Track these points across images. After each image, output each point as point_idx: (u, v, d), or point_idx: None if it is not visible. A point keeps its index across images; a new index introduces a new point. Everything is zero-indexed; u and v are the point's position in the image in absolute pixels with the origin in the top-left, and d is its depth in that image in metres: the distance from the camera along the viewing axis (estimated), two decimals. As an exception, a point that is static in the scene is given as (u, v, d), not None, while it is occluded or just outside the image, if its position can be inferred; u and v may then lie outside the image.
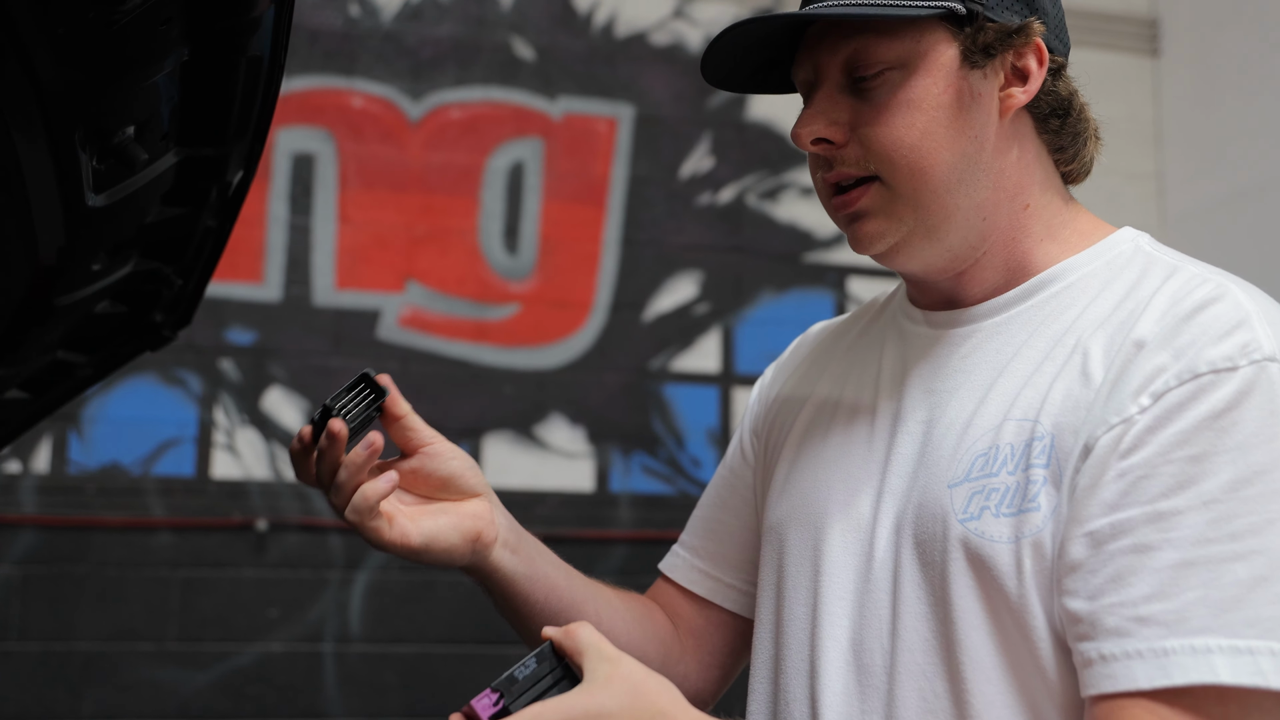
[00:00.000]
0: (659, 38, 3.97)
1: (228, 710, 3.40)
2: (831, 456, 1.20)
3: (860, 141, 1.10)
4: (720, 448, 3.83)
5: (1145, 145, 4.34)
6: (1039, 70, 1.11)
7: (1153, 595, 0.91)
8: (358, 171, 3.69)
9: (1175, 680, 0.88)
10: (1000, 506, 1.01)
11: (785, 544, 1.21)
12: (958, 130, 1.09)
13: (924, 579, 1.06)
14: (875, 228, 1.12)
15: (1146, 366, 0.97)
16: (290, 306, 3.61)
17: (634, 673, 0.92)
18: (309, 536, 3.53)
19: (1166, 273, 1.06)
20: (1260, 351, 0.95)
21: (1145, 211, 4.26)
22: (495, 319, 3.75)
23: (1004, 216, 1.13)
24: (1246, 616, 0.89)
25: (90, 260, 1.17)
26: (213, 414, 3.53)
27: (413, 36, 3.77)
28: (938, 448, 1.09)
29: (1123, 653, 0.91)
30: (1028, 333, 1.10)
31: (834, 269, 4.01)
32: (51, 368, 1.32)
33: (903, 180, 1.09)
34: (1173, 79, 4.36)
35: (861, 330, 1.31)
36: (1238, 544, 0.90)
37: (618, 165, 3.89)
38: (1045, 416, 1.02)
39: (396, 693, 3.52)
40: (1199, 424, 0.93)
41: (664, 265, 3.90)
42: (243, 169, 1.25)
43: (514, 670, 0.94)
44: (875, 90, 1.09)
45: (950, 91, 1.09)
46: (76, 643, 3.33)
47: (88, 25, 0.84)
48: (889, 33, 1.08)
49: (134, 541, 3.41)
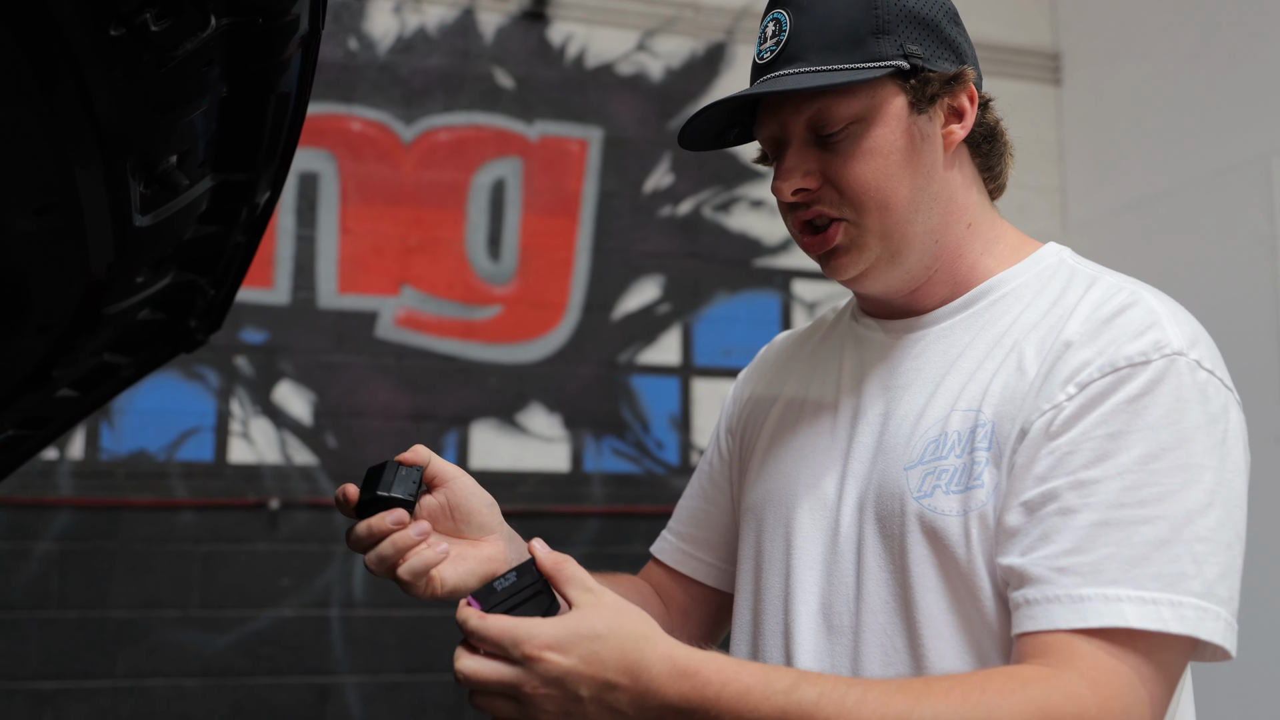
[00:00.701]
0: (624, 68, 3.97)
1: (245, 669, 3.38)
2: (800, 446, 1.22)
3: (832, 186, 1.12)
4: (680, 432, 3.84)
5: (1050, 163, 4.37)
6: (972, 108, 1.15)
7: (1072, 550, 0.94)
8: (357, 188, 3.67)
9: (1089, 623, 0.92)
10: (950, 485, 1.04)
11: (762, 523, 1.22)
12: (912, 169, 1.12)
13: (884, 549, 1.08)
14: (849, 260, 1.14)
15: (1073, 361, 1.01)
16: (297, 309, 3.58)
17: (617, 601, 0.93)
18: (317, 514, 3.51)
19: (1088, 283, 1.10)
20: (1170, 347, 0.99)
21: (1050, 221, 4.29)
22: (480, 319, 3.73)
23: (951, 236, 1.16)
24: (1151, 572, 0.92)
25: (135, 274, 1.16)
26: (229, 405, 3.51)
27: (405, 68, 3.75)
28: (894, 436, 1.12)
29: (1044, 598, 0.94)
30: (971, 335, 1.13)
31: (780, 272, 4.02)
32: (98, 369, 1.31)
33: (870, 217, 1.12)
34: (1073, 104, 4.40)
35: (821, 338, 1.33)
36: (1145, 510, 0.94)
37: (588, 182, 3.88)
38: (987, 406, 1.05)
39: (396, 652, 3.51)
40: (1117, 408, 0.97)
41: (630, 270, 3.89)
42: (269, 190, 1.24)
43: (494, 582, 0.94)
44: (840, 143, 1.11)
45: (904, 136, 1.12)
46: (109, 610, 3.30)
47: (142, 68, 0.83)
48: (847, 93, 1.10)
49: (160, 520, 3.38)
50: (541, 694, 0.87)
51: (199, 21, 0.79)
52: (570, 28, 3.92)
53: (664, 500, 3.76)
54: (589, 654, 0.88)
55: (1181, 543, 0.93)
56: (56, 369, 1.21)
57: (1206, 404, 0.98)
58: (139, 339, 1.32)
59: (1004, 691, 0.89)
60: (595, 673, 0.88)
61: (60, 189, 0.94)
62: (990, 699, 0.88)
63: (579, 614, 0.91)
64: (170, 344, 1.38)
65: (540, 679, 0.87)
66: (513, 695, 0.89)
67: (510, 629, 0.89)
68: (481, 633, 0.89)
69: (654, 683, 0.88)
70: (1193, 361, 0.99)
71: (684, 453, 3.84)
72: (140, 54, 0.81)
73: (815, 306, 4.00)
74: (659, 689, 0.88)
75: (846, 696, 0.88)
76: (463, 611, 0.91)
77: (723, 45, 4.07)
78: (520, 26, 3.88)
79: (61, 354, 1.19)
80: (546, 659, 0.87)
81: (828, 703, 0.88)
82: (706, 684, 0.89)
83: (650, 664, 0.89)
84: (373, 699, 3.47)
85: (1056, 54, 4.45)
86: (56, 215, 0.98)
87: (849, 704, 0.88)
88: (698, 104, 4.01)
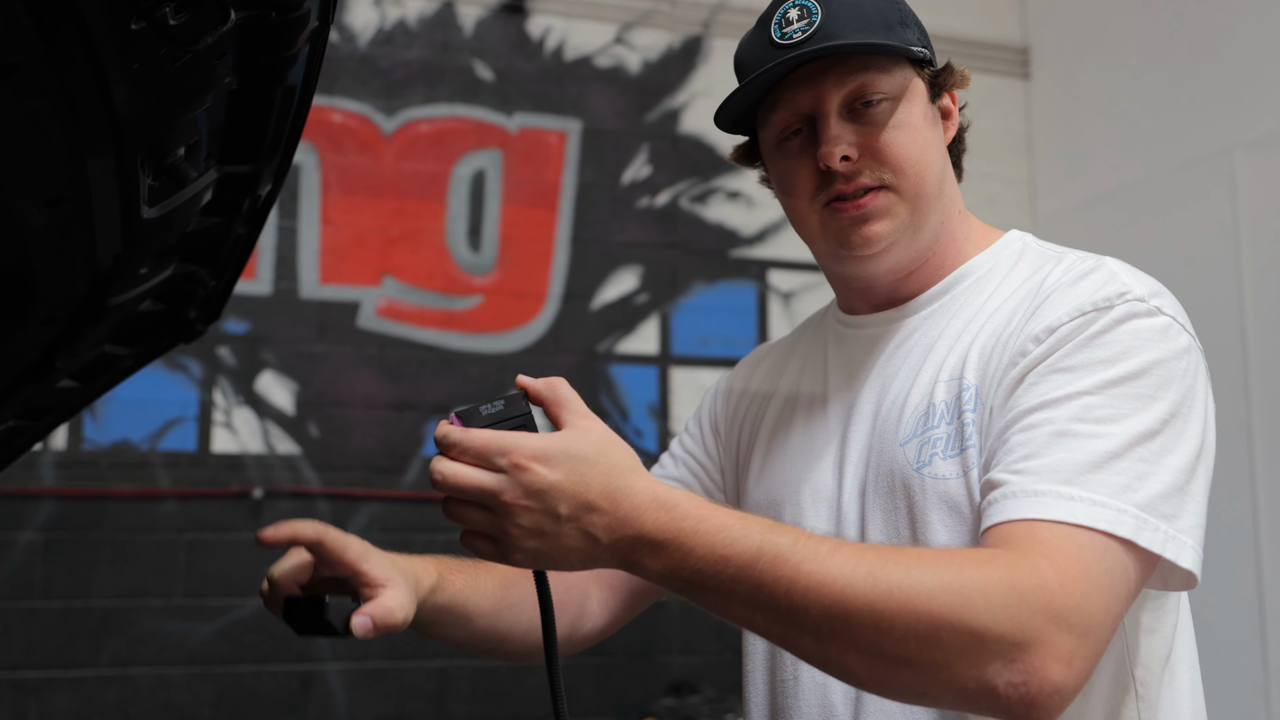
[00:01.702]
0: (602, 60, 3.97)
1: (229, 656, 3.37)
2: (797, 445, 1.26)
3: (873, 156, 1.16)
4: (659, 420, 3.85)
5: (1019, 155, 4.40)
6: (955, 107, 1.25)
7: (1031, 455, 0.98)
8: (338, 179, 3.65)
9: (1042, 514, 0.94)
10: (946, 450, 1.08)
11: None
12: (937, 146, 1.22)
13: (887, 524, 1.11)
14: (881, 228, 1.17)
15: (1045, 316, 1.07)
16: (280, 299, 3.57)
17: (606, 431, 0.93)
18: (299, 503, 3.50)
19: (1056, 258, 1.17)
20: (1133, 294, 1.05)
21: (1020, 212, 4.33)
22: (461, 309, 3.73)
23: (951, 220, 1.22)
24: (1101, 480, 0.95)
25: (140, 265, 1.15)
26: (212, 395, 3.49)
27: (386, 60, 3.74)
28: (886, 419, 1.16)
29: (1003, 495, 0.97)
30: (948, 318, 1.20)
31: (756, 263, 4.03)
32: (99, 359, 1.30)
33: (909, 184, 1.17)
34: (1042, 98, 4.43)
35: (807, 341, 1.38)
36: (1100, 427, 0.98)
37: (567, 173, 3.88)
38: (969, 372, 1.10)
39: (378, 640, 3.46)
40: (1081, 343, 1.03)
41: (609, 261, 3.90)
42: (271, 183, 1.24)
43: (480, 405, 0.92)
44: (877, 115, 1.16)
45: (928, 116, 1.20)
46: (94, 600, 3.28)
47: (159, 61, 0.83)
48: (888, 68, 1.16)
49: (143, 509, 3.36)
50: (520, 505, 0.86)
51: (219, 16, 0.79)
52: (549, 20, 3.92)
53: (643, 487, 3.77)
54: (574, 472, 0.87)
55: (1128, 459, 0.96)
56: (59, 360, 1.20)
57: (1167, 342, 1.02)
58: (140, 330, 1.31)
59: (974, 560, 0.91)
60: (578, 492, 0.87)
61: (72, 181, 0.94)
62: (961, 562, 0.90)
63: (569, 433, 0.90)
64: (170, 334, 1.37)
65: (522, 489, 0.86)
66: (489, 504, 0.87)
67: (497, 439, 0.88)
68: (465, 443, 0.88)
69: (634, 510, 0.89)
70: (1153, 307, 1.04)
71: (662, 441, 3.85)
72: (159, 47, 0.81)
73: (791, 297, 4.02)
74: (637, 517, 0.89)
75: (820, 546, 0.89)
76: (444, 427, 0.90)
77: (699, 39, 4.07)
78: (499, 19, 3.87)
79: (65, 345, 1.18)
80: (533, 469, 0.87)
81: (801, 548, 0.88)
82: (684, 517, 0.89)
83: (634, 492, 0.89)
84: (356, 685, 3.46)
85: (1025, 48, 4.48)
86: (67, 207, 0.97)
87: (822, 551, 0.89)
88: (675, 97, 4.02)
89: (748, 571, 0.88)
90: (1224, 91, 3.61)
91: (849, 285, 1.28)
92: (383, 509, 3.57)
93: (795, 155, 1.19)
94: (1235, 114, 3.56)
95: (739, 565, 0.88)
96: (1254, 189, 3.48)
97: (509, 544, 0.89)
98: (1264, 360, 3.38)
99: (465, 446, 0.88)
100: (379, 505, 3.57)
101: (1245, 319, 3.44)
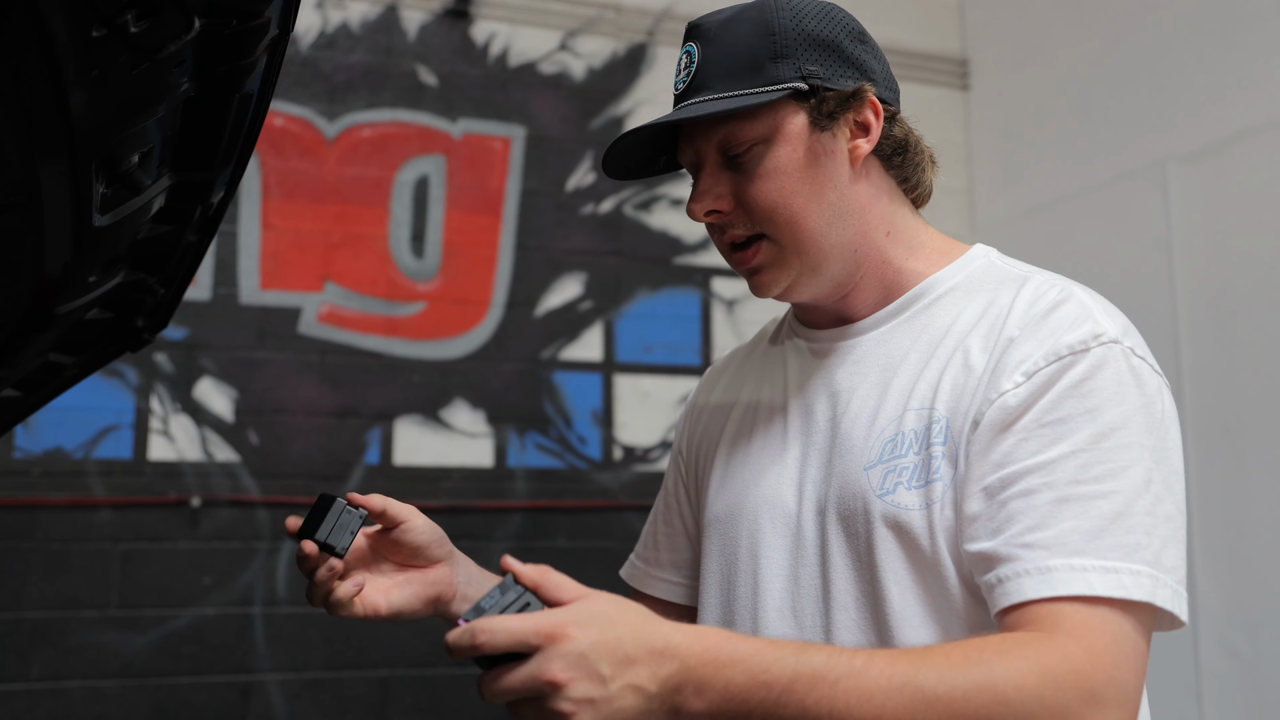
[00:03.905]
0: (546, 67, 3.96)
1: (166, 669, 3.31)
2: (756, 459, 1.25)
3: (743, 207, 1.16)
4: (603, 427, 3.85)
5: (958, 165, 4.47)
6: (877, 122, 1.18)
7: (1036, 526, 0.98)
8: (279, 184, 3.61)
9: (1059, 591, 0.95)
10: (910, 481, 1.07)
11: (725, 536, 1.25)
12: (819, 184, 1.16)
13: (849, 548, 1.11)
14: (770, 277, 1.19)
15: (1017, 355, 1.06)
16: (219, 305, 3.52)
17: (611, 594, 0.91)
18: (238, 511, 3.45)
19: (1019, 282, 1.15)
20: (1107, 336, 1.05)
21: (959, 222, 4.39)
22: (404, 315, 3.70)
23: (872, 245, 1.20)
24: (1110, 543, 0.97)
25: (89, 273, 1.13)
26: (149, 402, 3.43)
27: (328, 64, 3.70)
28: (847, 439, 1.15)
29: (1014, 573, 0.98)
30: (910, 338, 1.17)
31: (700, 270, 4.05)
32: (43, 369, 1.27)
33: (783, 233, 1.16)
34: (980, 109, 4.50)
35: (764, 351, 1.36)
36: (1100, 485, 0.99)
37: (511, 179, 3.87)
38: (939, 404, 1.08)
39: (319, 649, 3.47)
40: (1063, 393, 1.02)
41: (552, 267, 3.89)
42: (224, 191, 1.22)
43: (480, 601, 0.89)
44: (747, 164, 1.16)
45: (807, 154, 1.16)
46: (24, 611, 3.21)
47: (119, 68, 0.82)
48: (749, 117, 1.15)
49: (77, 518, 3.30)
50: (566, 678, 0.83)
51: (183, 25, 0.78)
52: (493, 26, 3.90)
53: (586, 495, 3.77)
54: (606, 629, 0.85)
55: (1133, 515, 0.98)
56: (3, 369, 1.18)
57: (1142, 387, 1.04)
58: (86, 338, 1.28)
59: (1001, 651, 0.92)
60: (613, 647, 0.85)
61: (23, 187, 0.92)
62: (989, 658, 0.91)
63: (583, 601, 0.88)
64: (117, 343, 1.35)
65: (562, 660, 0.83)
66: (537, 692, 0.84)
67: (521, 621, 0.85)
68: (496, 636, 0.84)
69: (671, 652, 0.86)
70: (1127, 349, 1.05)
71: (606, 448, 3.85)
72: (119, 54, 0.80)
73: (734, 304, 4.04)
74: (675, 656, 0.86)
75: (853, 660, 0.89)
76: (458, 633, 0.86)
77: (644, 46, 4.08)
78: (443, 24, 3.85)
79: (10, 354, 1.15)
80: (568, 634, 0.84)
81: (835, 665, 0.88)
82: (717, 646, 0.88)
83: (664, 635, 0.87)
84: (297, 696, 3.42)
85: (964, 60, 4.54)
86: (17, 214, 0.96)
87: (855, 666, 0.88)
88: (619, 104, 4.02)
89: (789, 695, 0.87)
90: (1157, 106, 3.70)
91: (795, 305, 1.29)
92: (324, 517, 3.52)
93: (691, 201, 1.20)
94: (1168, 128, 3.65)
95: (781, 689, 0.87)
96: (1186, 201, 3.56)
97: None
98: (1197, 369, 3.46)
99: (495, 641, 0.84)
100: (320, 514, 3.52)
101: (1178, 328, 3.52)
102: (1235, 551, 3.30)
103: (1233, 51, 3.46)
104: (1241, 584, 3.28)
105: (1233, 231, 3.41)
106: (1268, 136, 3.32)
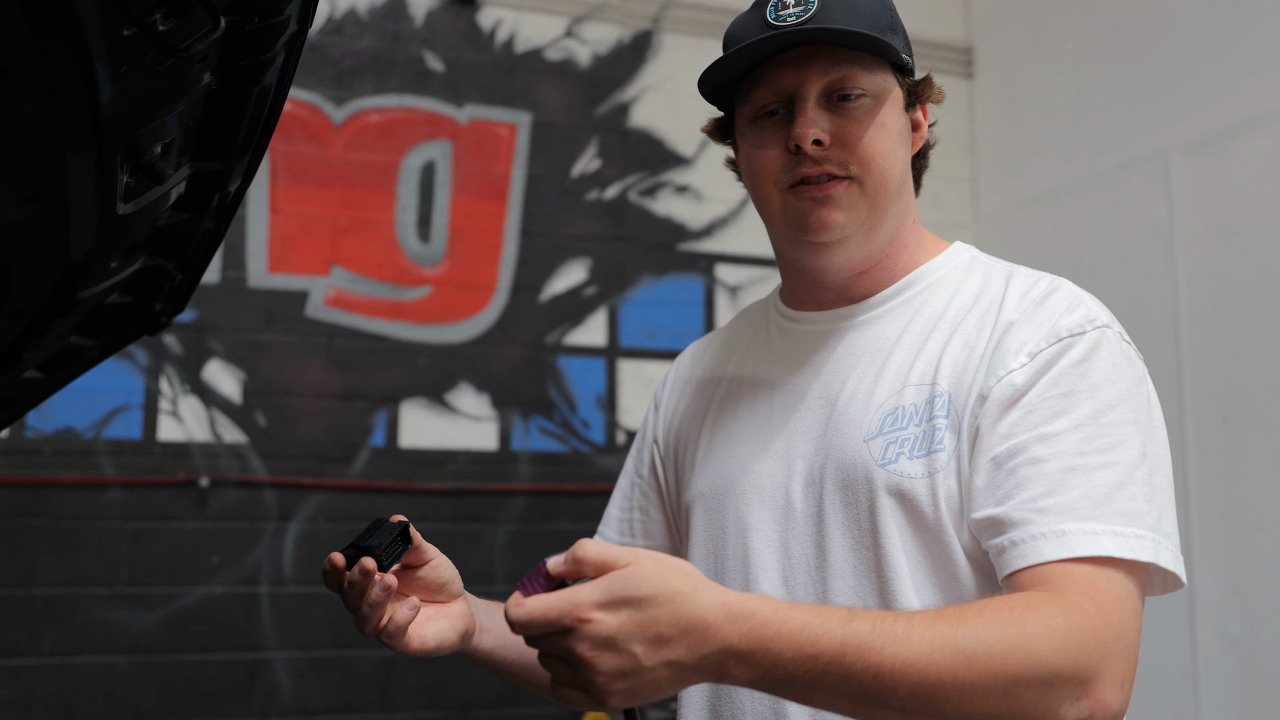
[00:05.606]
0: (552, 54, 3.99)
1: (174, 646, 3.37)
2: (741, 434, 1.29)
3: (846, 148, 1.19)
4: (606, 412, 3.89)
5: (962, 154, 4.49)
6: (925, 121, 1.30)
7: (1047, 493, 1.05)
8: (287, 168, 3.65)
9: (1075, 552, 1.02)
10: (913, 451, 1.13)
11: (712, 511, 1.29)
12: (901, 155, 1.25)
13: (847, 518, 1.15)
14: (839, 216, 1.20)
15: (1019, 336, 1.13)
16: (227, 288, 3.56)
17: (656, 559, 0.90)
18: (246, 491, 3.50)
19: (1007, 273, 1.23)
20: (1099, 321, 1.14)
21: (962, 210, 4.42)
22: (410, 299, 3.74)
23: (905, 226, 1.26)
24: (1115, 510, 1.04)
25: (110, 259, 1.17)
26: (158, 383, 3.47)
27: (336, 50, 3.73)
28: (845, 414, 1.19)
29: (1029, 536, 1.04)
30: (904, 321, 1.23)
31: (704, 256, 4.08)
32: (64, 351, 1.31)
33: (873, 180, 1.20)
34: (985, 98, 4.52)
35: (749, 333, 1.40)
36: (1102, 457, 1.06)
37: (517, 165, 3.90)
38: (941, 379, 1.14)
39: (324, 628, 3.52)
40: (1065, 370, 1.10)
41: (557, 253, 3.92)
42: (241, 179, 1.26)
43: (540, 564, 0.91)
44: (854, 110, 1.20)
45: (901, 122, 1.24)
46: (36, 589, 3.26)
47: (147, 64, 0.85)
48: (870, 68, 1.20)
49: (87, 497, 3.35)
50: (595, 656, 0.85)
51: (210, 23, 0.81)
52: (499, 13, 3.93)
53: (590, 479, 3.81)
54: (638, 611, 0.86)
55: (1133, 485, 1.05)
56: (27, 351, 1.22)
57: (1131, 369, 1.12)
58: (106, 321, 1.32)
59: (1028, 609, 0.97)
60: (646, 629, 0.85)
61: (51, 178, 0.96)
62: (1019, 615, 0.96)
63: (622, 574, 0.87)
64: (135, 327, 1.39)
65: (590, 641, 0.85)
66: (568, 660, 0.86)
67: (554, 601, 0.86)
68: (533, 617, 0.86)
69: (710, 630, 0.87)
70: (1117, 333, 1.14)
71: (610, 432, 3.90)
72: (146, 52, 0.83)
73: (738, 290, 4.08)
74: (716, 634, 0.87)
75: (895, 626, 0.92)
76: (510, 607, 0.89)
77: (650, 33, 4.11)
78: (450, 11, 3.88)
79: (33, 337, 1.19)
80: (595, 619, 0.85)
81: (881, 632, 0.91)
82: (765, 624, 0.88)
83: (703, 613, 0.87)
84: (302, 674, 3.47)
85: (969, 48, 4.57)
86: (44, 203, 0.99)
87: (898, 631, 0.91)
88: (624, 90, 4.05)
89: (837, 665, 0.89)
90: (1160, 95, 3.72)
91: (801, 276, 1.30)
92: (330, 498, 3.57)
93: (768, 134, 1.22)
94: (1172, 116, 3.67)
95: (828, 661, 0.89)
96: (1189, 190, 3.58)
97: (599, 691, 0.87)
98: (1197, 358, 3.49)
99: (530, 621, 0.86)
100: (326, 495, 3.57)
101: (1180, 317, 3.55)
102: (1233, 540, 3.34)
103: (1236, 41, 3.48)
104: (1239, 572, 3.31)
105: (1235, 221, 3.44)
106: (1271, 126, 3.35)
